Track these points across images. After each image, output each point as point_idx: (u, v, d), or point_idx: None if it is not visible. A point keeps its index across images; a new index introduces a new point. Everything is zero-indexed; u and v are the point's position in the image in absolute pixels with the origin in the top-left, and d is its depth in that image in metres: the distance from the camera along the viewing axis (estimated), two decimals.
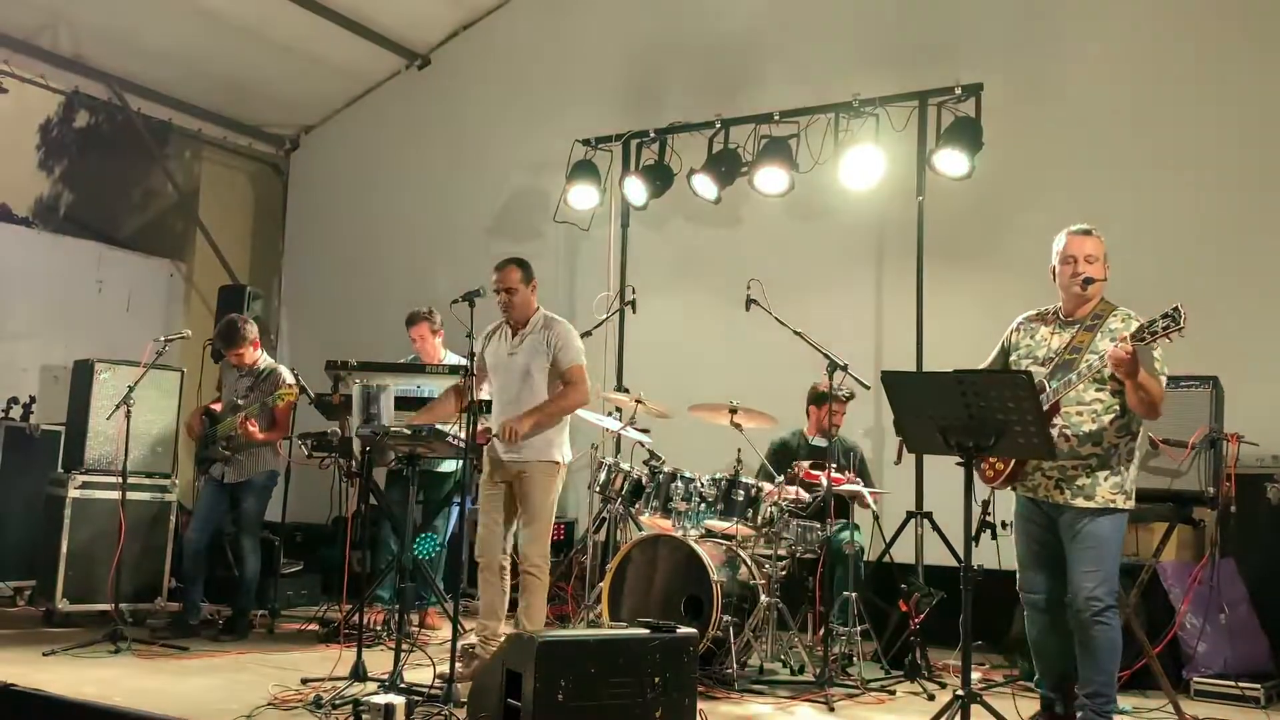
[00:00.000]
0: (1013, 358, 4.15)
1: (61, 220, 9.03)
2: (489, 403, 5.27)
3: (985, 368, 4.17)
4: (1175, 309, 3.61)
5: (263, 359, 6.37)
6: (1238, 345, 5.84)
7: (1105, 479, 3.88)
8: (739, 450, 5.58)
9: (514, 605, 5.12)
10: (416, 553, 4.89)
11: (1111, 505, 3.88)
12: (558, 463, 5.08)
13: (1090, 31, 6.71)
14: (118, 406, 5.84)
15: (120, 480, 5.92)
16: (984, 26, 6.98)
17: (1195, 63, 6.39)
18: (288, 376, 6.21)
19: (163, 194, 9.64)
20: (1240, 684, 5.00)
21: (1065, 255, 4.03)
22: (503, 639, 4.41)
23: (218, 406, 6.40)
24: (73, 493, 6.26)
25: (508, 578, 5.07)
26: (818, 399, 6.10)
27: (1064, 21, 6.80)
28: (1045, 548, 4.03)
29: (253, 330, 6.33)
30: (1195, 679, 5.13)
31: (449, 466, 6.39)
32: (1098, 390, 3.90)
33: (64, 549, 6.18)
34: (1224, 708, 4.90)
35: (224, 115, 9.53)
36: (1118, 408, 3.90)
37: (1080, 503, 3.89)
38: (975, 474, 4.01)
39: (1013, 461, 3.91)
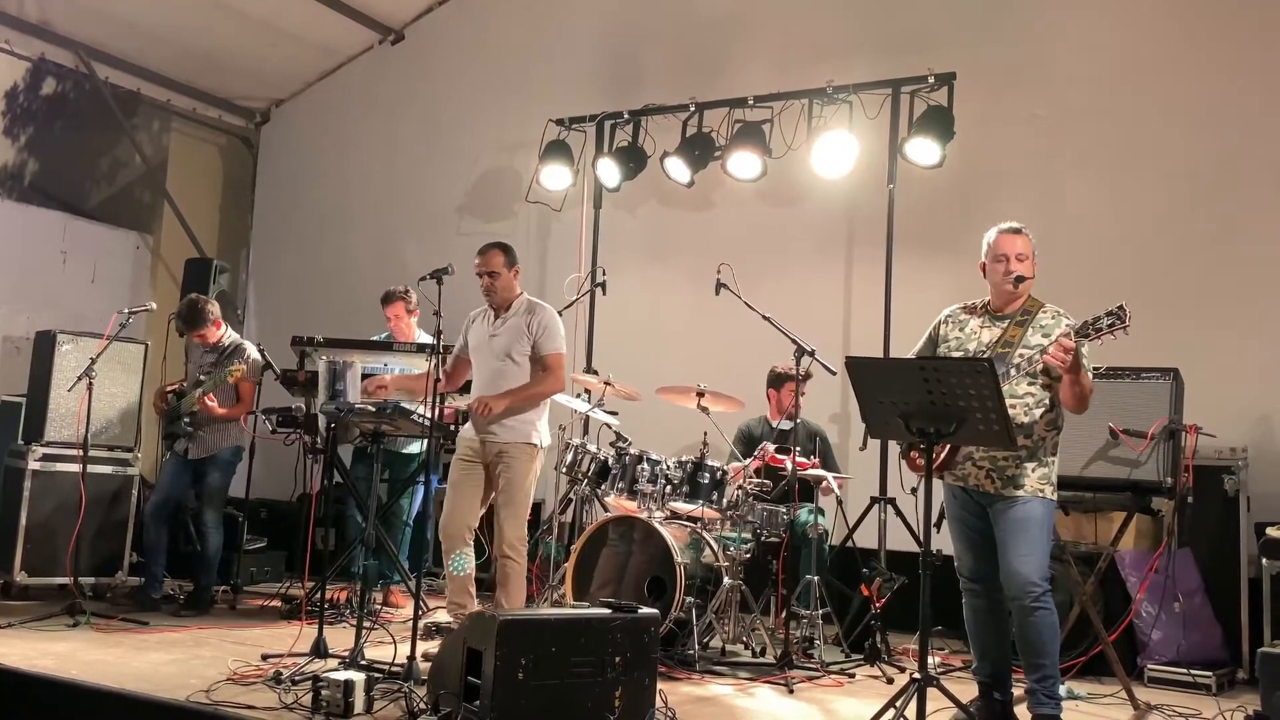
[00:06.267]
0: (941, 349, 4.19)
1: (26, 189, 8.87)
2: (468, 383, 5.28)
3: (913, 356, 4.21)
4: (1120, 307, 3.65)
5: (227, 335, 6.32)
6: (1199, 338, 5.93)
7: (1033, 470, 3.96)
8: (705, 433, 5.60)
9: (481, 585, 5.11)
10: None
11: (1040, 494, 3.96)
12: (536, 446, 5.08)
13: (1063, 23, 6.74)
14: (79, 379, 5.79)
15: (81, 453, 5.87)
16: (958, 16, 7.00)
17: (1165, 57, 6.44)
18: (252, 352, 6.18)
19: (130, 165, 9.50)
20: (1193, 671, 5.09)
21: (997, 253, 4.08)
22: None
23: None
24: (33, 465, 6.19)
25: (472, 551, 5.06)
26: (775, 381, 6.18)
27: (1037, 12, 6.83)
28: (980, 534, 4.09)
29: (215, 310, 6.28)
30: (1149, 666, 5.22)
31: (416, 448, 6.37)
32: (1030, 384, 3.97)
33: (23, 522, 6.10)
34: (1177, 694, 4.98)
35: (194, 86, 9.40)
36: (1048, 402, 3.98)
37: (1009, 491, 3.96)
38: (905, 462, 4.07)
39: (945, 449, 3.95)
